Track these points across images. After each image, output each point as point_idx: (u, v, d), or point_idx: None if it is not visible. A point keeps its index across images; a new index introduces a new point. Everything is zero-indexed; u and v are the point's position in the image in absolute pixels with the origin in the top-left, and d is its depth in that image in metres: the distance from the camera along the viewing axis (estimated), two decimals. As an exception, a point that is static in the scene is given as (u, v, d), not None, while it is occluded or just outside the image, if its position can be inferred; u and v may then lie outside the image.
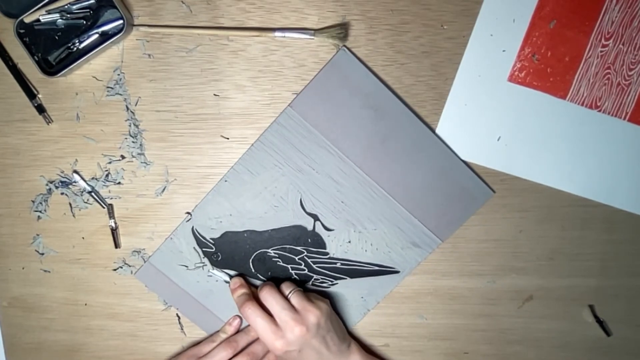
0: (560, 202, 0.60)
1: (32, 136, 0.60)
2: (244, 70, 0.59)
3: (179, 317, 0.63)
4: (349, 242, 0.60)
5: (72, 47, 0.57)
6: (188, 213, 0.61)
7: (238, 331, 0.62)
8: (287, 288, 0.58)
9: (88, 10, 0.57)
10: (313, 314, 0.55)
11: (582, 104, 0.58)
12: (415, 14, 0.58)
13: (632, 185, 0.60)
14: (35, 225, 0.62)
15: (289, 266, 0.61)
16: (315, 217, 0.60)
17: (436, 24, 0.58)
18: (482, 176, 0.60)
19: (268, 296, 0.56)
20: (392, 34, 0.58)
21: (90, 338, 0.63)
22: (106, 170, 0.61)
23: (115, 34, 0.56)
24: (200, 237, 0.61)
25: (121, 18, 0.56)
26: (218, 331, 0.62)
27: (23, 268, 0.62)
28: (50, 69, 0.57)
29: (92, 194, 0.61)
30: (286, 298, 0.56)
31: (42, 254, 0.62)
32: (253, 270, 0.61)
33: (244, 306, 0.56)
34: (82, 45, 0.57)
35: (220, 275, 0.61)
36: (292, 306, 0.56)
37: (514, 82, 0.58)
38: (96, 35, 0.57)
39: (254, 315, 0.55)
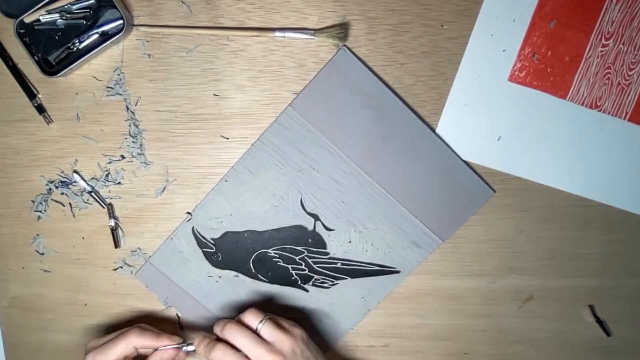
0: (560, 202, 0.61)
1: (32, 136, 0.60)
2: (244, 70, 0.59)
3: (178, 317, 0.63)
4: (350, 242, 0.60)
5: (72, 47, 0.57)
6: (188, 213, 0.61)
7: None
8: (255, 319, 0.54)
9: (88, 10, 0.57)
10: (288, 342, 0.52)
11: (582, 104, 0.58)
12: (415, 14, 0.58)
13: (632, 185, 0.60)
14: (35, 225, 0.62)
15: (289, 266, 0.61)
16: (316, 217, 0.60)
17: (436, 24, 0.58)
18: (482, 176, 0.60)
19: (235, 332, 0.52)
20: (392, 34, 0.58)
21: (90, 338, 0.63)
22: (106, 170, 0.61)
23: (115, 34, 0.56)
24: (201, 237, 0.61)
25: (121, 18, 0.56)
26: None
27: (23, 268, 0.62)
28: (50, 69, 0.57)
29: (92, 194, 0.61)
30: (255, 331, 0.53)
31: (42, 254, 0.62)
32: (253, 271, 0.61)
33: (214, 350, 0.51)
34: (82, 45, 0.57)
35: (169, 345, 0.55)
36: (263, 339, 0.52)
37: (514, 82, 0.58)
38: (96, 35, 0.57)
39: (227, 356, 0.51)
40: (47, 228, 0.62)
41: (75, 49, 0.57)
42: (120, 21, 0.56)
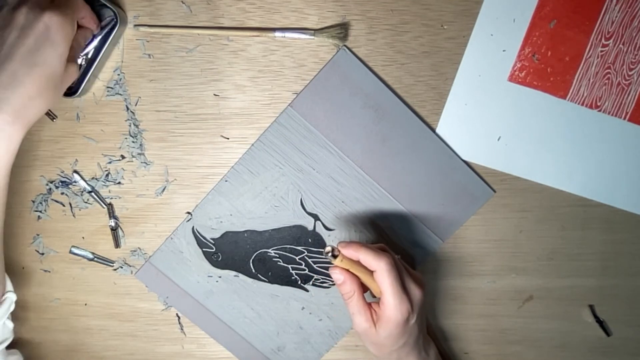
0: (560, 202, 0.61)
1: (32, 136, 0.60)
2: (244, 70, 0.59)
3: (179, 317, 0.63)
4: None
5: (81, 61, 0.56)
6: (188, 213, 0.61)
7: None
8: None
9: None
10: (421, 278, 0.53)
11: (582, 104, 0.58)
12: (415, 14, 0.58)
13: (632, 185, 0.60)
14: (35, 225, 0.62)
15: (289, 266, 0.61)
16: (316, 217, 0.60)
17: (436, 24, 0.58)
18: (482, 176, 0.60)
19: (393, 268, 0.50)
20: (392, 34, 0.58)
21: (90, 338, 0.63)
22: (106, 170, 0.61)
23: (110, 31, 0.55)
24: (201, 237, 0.61)
25: (112, 13, 0.55)
26: None
27: (23, 268, 0.62)
28: (68, 91, 0.56)
29: (92, 194, 0.61)
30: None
31: (42, 254, 0.62)
32: (253, 271, 0.61)
33: (384, 256, 0.49)
34: (89, 54, 0.56)
35: None
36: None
37: (514, 81, 0.58)
38: (96, 41, 0.56)
39: (393, 267, 0.49)
40: (47, 228, 0.62)
41: (83, 61, 0.56)
42: (112, 17, 0.55)
